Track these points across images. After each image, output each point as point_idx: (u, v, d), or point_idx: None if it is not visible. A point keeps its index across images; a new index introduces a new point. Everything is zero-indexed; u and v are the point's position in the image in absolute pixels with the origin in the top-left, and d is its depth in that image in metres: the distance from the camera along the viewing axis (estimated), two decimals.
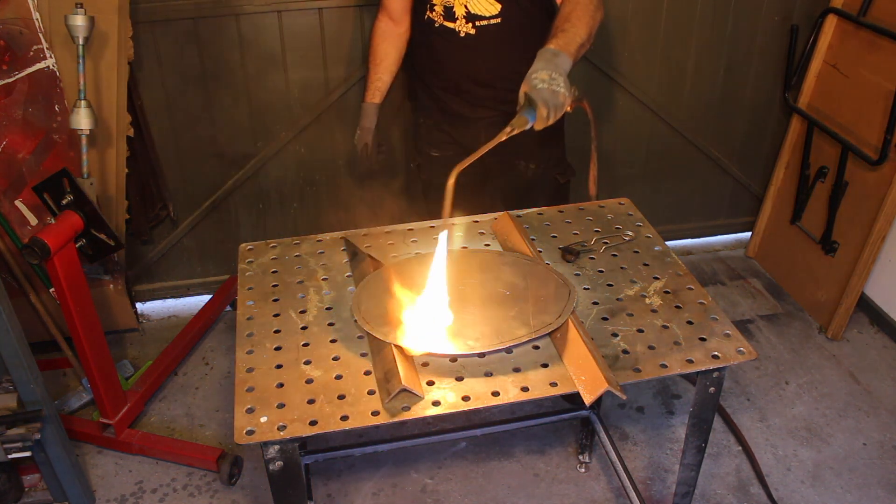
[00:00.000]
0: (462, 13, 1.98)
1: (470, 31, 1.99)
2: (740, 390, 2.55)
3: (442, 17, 2.01)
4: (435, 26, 2.03)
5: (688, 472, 1.66)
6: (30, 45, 2.21)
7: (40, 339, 2.50)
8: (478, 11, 1.97)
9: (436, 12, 2.02)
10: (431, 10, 2.03)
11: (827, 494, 2.19)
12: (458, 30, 2.00)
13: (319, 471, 2.26)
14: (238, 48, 2.53)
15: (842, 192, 2.69)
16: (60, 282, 1.94)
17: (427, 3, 2.02)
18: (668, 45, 2.80)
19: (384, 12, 2.17)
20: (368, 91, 2.22)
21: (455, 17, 1.99)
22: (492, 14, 1.97)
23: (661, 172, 3.09)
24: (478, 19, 1.98)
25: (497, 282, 1.59)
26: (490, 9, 1.96)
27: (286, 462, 1.29)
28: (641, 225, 1.83)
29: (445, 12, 2.00)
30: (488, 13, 1.97)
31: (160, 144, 2.63)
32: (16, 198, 2.39)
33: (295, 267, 1.68)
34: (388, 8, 2.15)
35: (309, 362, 1.39)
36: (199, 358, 2.73)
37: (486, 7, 1.96)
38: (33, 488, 2.17)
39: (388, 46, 2.18)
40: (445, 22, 2.01)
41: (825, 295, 2.81)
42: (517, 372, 1.36)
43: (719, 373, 1.44)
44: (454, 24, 2.00)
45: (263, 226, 2.89)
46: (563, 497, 2.19)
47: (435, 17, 2.02)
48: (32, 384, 1.86)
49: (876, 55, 2.55)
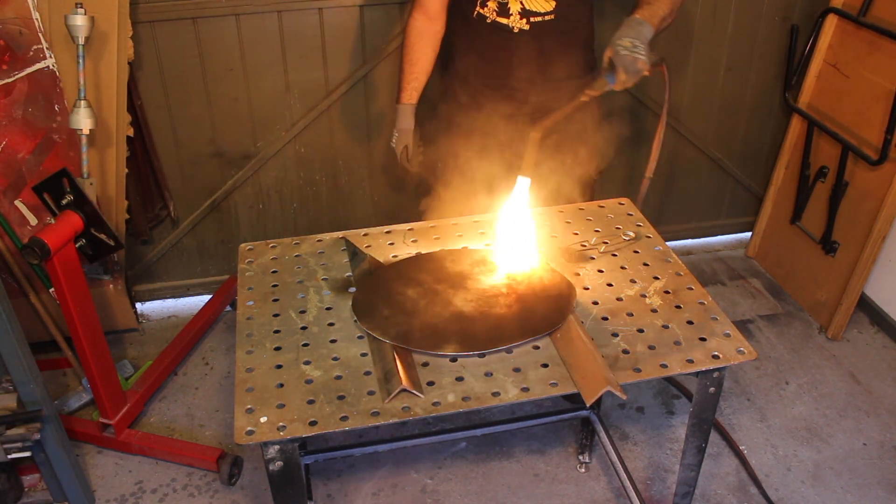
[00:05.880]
0: (517, 9, 1.96)
1: (524, 27, 1.98)
2: (740, 390, 2.55)
3: (495, 13, 1.99)
4: (487, 22, 2.00)
5: (688, 472, 1.66)
6: (30, 45, 2.21)
7: (40, 339, 2.50)
8: (533, 7, 1.95)
9: (488, 8, 1.99)
10: (483, 6, 1.99)
11: (827, 494, 2.19)
12: (511, 26, 1.99)
13: (319, 471, 2.26)
14: (238, 48, 2.53)
15: (842, 192, 2.69)
16: (60, 282, 1.94)
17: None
18: (669, 45, 2.80)
19: (420, 10, 2.08)
20: (405, 92, 2.12)
21: (509, 13, 1.97)
22: (546, 10, 1.96)
23: (661, 172, 3.08)
24: (533, 15, 1.97)
25: (497, 281, 1.59)
26: (545, 5, 1.95)
27: (286, 462, 1.29)
28: (641, 225, 1.83)
29: (500, 8, 1.97)
30: (543, 9, 1.96)
31: (160, 144, 2.63)
32: (16, 198, 2.39)
33: (295, 267, 1.68)
34: (424, 6, 2.07)
35: (309, 362, 1.40)
36: (199, 358, 2.73)
37: (542, 3, 1.95)
38: (33, 488, 2.17)
39: (425, 45, 2.11)
40: (499, 18, 1.99)
41: (825, 295, 2.81)
42: (517, 372, 1.36)
43: (719, 373, 1.44)
44: (508, 19, 1.98)
45: (263, 226, 2.89)
46: (563, 497, 2.19)
47: (487, 13, 1.99)
48: (32, 384, 1.86)
49: (876, 55, 2.55)
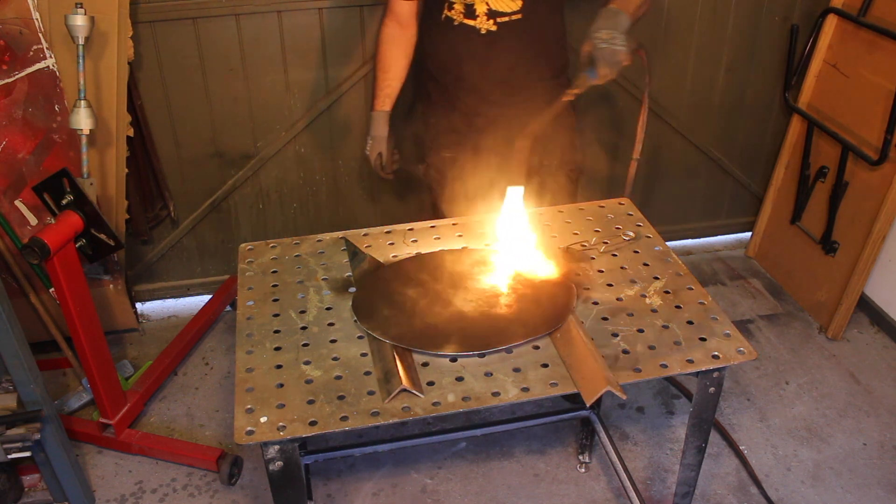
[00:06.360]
0: (483, 10, 1.96)
1: (491, 27, 1.98)
2: (740, 390, 2.55)
3: (462, 15, 1.99)
4: (454, 25, 2.01)
5: (688, 472, 1.66)
6: (30, 45, 2.21)
7: (40, 339, 2.50)
8: (499, 8, 1.95)
9: (455, 10, 1.99)
10: (450, 9, 2.00)
11: (827, 494, 2.19)
12: (478, 27, 1.99)
13: (319, 471, 2.26)
14: (238, 48, 2.53)
15: (842, 192, 2.69)
16: (60, 282, 1.94)
17: (445, 2, 1.99)
18: (669, 45, 2.80)
19: (392, 17, 2.11)
20: (378, 99, 2.15)
21: (476, 15, 1.98)
22: (513, 10, 1.96)
23: (661, 172, 3.08)
24: (499, 15, 1.97)
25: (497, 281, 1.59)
26: (511, 5, 1.95)
27: (286, 462, 1.29)
28: (641, 225, 1.83)
29: (466, 10, 1.98)
30: (510, 9, 1.96)
31: (160, 144, 2.63)
32: (16, 198, 2.39)
33: (295, 267, 1.68)
34: (396, 12, 2.09)
35: (309, 362, 1.39)
36: (199, 358, 2.73)
37: (508, 3, 1.95)
38: (33, 488, 2.17)
39: (398, 52, 2.13)
40: (466, 20, 1.99)
41: (825, 295, 2.81)
42: (517, 372, 1.36)
43: (719, 373, 1.44)
44: (475, 21, 1.98)
45: (263, 226, 2.89)
46: (563, 497, 2.19)
47: (454, 16, 2.00)
48: (32, 384, 1.86)
49: (876, 55, 2.55)
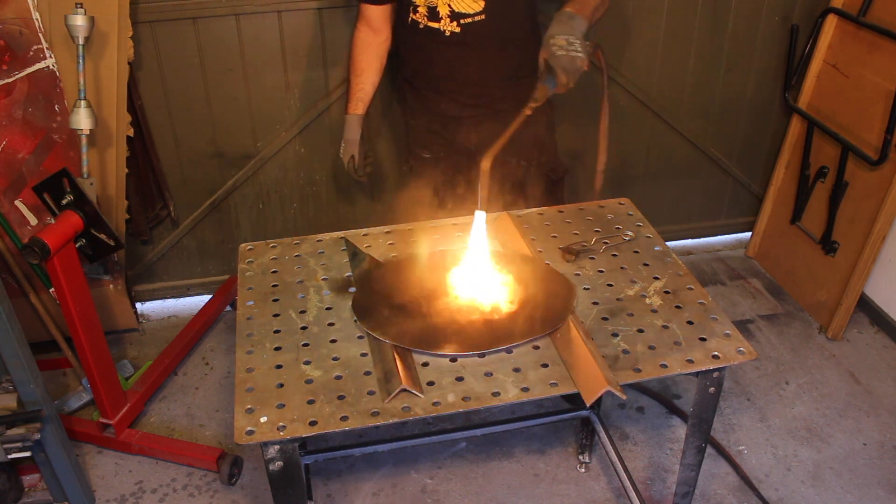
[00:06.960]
0: (446, 12, 1.97)
1: (455, 29, 1.98)
2: (740, 390, 2.55)
3: (426, 18, 2.00)
4: (420, 28, 2.02)
5: (688, 472, 1.66)
6: (30, 45, 2.21)
7: (40, 339, 2.50)
8: (462, 9, 1.96)
9: (419, 13, 2.00)
10: (415, 12, 2.01)
11: (827, 494, 2.19)
12: (442, 29, 1.99)
13: (319, 471, 2.26)
14: (238, 48, 2.53)
15: (842, 192, 2.69)
16: (60, 282, 1.94)
17: (410, 6, 2.01)
18: (668, 45, 2.80)
19: (363, 22, 2.14)
20: (351, 103, 2.18)
21: (439, 17, 1.98)
22: (476, 11, 1.96)
23: (661, 172, 3.08)
24: (462, 17, 1.97)
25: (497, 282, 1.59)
26: (473, 6, 1.95)
27: (286, 462, 1.29)
28: (641, 225, 1.83)
29: (429, 13, 1.99)
30: (472, 10, 1.96)
31: (160, 144, 2.63)
32: (16, 198, 2.39)
33: (295, 267, 1.68)
34: (367, 17, 2.12)
35: (309, 362, 1.40)
36: (199, 358, 2.73)
37: (470, 4, 1.95)
38: (33, 488, 2.17)
39: (370, 56, 2.16)
40: (430, 22, 2.00)
41: (825, 295, 2.81)
42: (517, 372, 1.36)
43: (719, 373, 1.44)
44: (439, 23, 1.99)
45: (263, 226, 2.89)
46: (563, 497, 2.19)
47: (419, 19, 2.01)
48: (32, 384, 1.86)
49: (876, 55, 2.55)
